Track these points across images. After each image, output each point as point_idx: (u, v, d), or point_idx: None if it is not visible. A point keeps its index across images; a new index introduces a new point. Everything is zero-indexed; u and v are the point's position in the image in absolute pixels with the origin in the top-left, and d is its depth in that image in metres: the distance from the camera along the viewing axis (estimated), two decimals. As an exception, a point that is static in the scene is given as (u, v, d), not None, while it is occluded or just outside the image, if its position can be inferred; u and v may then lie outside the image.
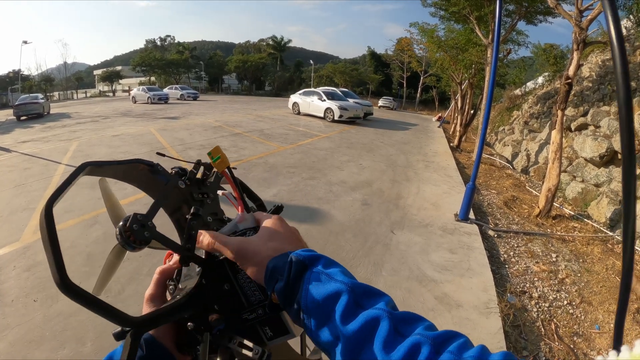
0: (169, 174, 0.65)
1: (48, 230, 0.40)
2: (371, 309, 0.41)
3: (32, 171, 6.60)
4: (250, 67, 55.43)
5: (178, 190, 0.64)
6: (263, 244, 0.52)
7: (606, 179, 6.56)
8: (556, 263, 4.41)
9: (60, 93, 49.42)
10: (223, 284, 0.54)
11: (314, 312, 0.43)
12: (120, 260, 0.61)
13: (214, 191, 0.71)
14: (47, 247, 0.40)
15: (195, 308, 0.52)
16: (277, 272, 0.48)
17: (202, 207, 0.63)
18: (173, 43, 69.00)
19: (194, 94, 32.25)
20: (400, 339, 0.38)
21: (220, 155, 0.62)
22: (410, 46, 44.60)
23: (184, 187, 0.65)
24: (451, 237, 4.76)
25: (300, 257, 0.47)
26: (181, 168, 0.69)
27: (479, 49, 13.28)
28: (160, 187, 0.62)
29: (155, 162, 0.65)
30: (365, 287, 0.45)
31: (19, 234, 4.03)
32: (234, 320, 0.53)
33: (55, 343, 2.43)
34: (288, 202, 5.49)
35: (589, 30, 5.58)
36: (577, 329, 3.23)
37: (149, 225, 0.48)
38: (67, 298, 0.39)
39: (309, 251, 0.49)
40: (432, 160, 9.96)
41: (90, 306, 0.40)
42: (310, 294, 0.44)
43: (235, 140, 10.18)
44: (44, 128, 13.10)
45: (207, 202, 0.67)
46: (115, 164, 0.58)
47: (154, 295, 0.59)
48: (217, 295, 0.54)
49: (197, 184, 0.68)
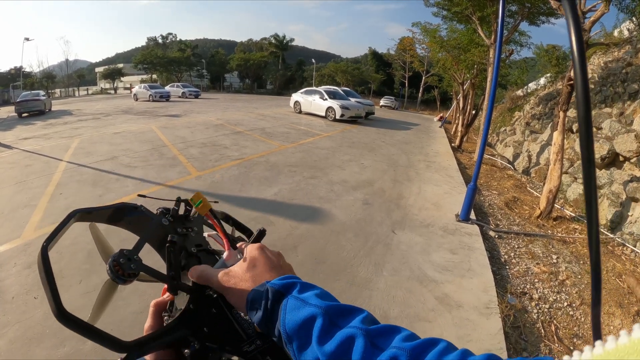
0: (152, 214, 0.71)
1: (45, 270, 0.45)
2: (346, 327, 0.42)
3: (34, 168, 6.61)
4: (252, 66, 55.46)
5: (162, 228, 0.69)
6: (242, 275, 0.54)
7: (607, 181, 6.55)
8: (557, 264, 4.40)
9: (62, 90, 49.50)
10: (211, 308, 0.57)
11: (294, 338, 0.44)
12: (112, 294, 0.64)
13: (198, 224, 0.76)
14: (44, 283, 0.44)
15: (184, 331, 0.54)
16: (256, 302, 0.49)
17: (186, 240, 0.69)
18: (175, 41, 69.00)
19: (195, 92, 32.25)
20: (377, 352, 0.39)
21: (201, 199, 0.65)
22: (413, 46, 44.62)
23: (167, 224, 0.70)
24: (452, 238, 4.76)
25: (275, 286, 0.49)
26: (165, 208, 0.74)
27: (481, 50, 13.25)
28: (146, 226, 0.68)
29: (139, 205, 0.71)
30: (339, 307, 0.46)
31: (20, 231, 4.03)
32: (236, 352, 0.55)
33: (56, 340, 2.44)
34: (289, 201, 5.49)
35: (591, 31, 5.57)
36: (577, 331, 3.23)
37: (135, 258, 0.54)
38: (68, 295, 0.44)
39: (285, 278, 0.51)
40: (434, 160, 9.95)
41: (85, 333, 0.43)
42: (288, 321, 0.45)
43: (236, 138, 10.18)
44: (46, 125, 13.11)
45: (191, 235, 0.71)
46: (102, 209, 0.64)
47: (151, 327, 0.60)
48: (207, 319, 0.56)
49: (180, 219, 0.73)
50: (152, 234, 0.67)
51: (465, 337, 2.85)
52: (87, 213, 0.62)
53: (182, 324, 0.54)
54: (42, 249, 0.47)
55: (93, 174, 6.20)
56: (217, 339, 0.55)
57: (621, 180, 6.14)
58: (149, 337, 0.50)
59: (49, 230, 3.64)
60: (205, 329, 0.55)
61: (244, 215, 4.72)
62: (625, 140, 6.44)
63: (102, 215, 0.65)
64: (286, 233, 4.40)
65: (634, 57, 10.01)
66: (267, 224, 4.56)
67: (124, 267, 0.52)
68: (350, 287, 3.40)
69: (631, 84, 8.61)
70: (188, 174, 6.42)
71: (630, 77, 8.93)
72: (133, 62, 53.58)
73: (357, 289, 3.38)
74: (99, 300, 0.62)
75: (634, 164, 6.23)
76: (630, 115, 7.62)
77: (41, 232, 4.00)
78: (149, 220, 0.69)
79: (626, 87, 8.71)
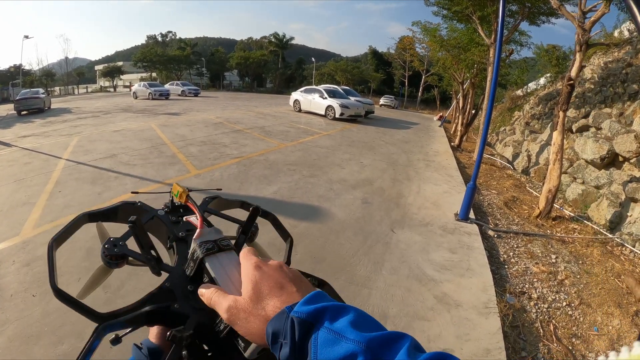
0: (149, 207, 0.79)
1: (48, 257, 0.62)
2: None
3: (33, 166, 6.60)
4: (252, 64, 55.37)
5: (159, 219, 0.76)
6: (253, 305, 0.47)
7: (607, 181, 6.55)
8: (556, 264, 4.41)
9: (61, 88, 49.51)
10: (187, 284, 0.60)
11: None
12: (104, 277, 0.71)
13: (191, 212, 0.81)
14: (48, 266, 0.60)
15: (156, 305, 0.56)
16: (278, 335, 0.42)
17: (175, 227, 0.74)
18: (174, 39, 68.94)
19: (195, 90, 32.17)
20: None
21: (178, 190, 0.71)
22: (412, 45, 44.58)
23: (163, 214, 0.77)
24: (451, 237, 4.76)
25: (302, 315, 0.41)
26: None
27: (481, 49, 13.25)
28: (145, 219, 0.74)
29: (137, 201, 0.79)
30: (381, 339, 0.38)
31: (19, 229, 4.02)
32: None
33: (54, 338, 2.44)
34: (288, 199, 5.49)
35: (592, 31, 5.56)
36: (575, 331, 3.23)
37: (120, 244, 0.65)
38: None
39: (311, 301, 0.44)
40: (433, 159, 9.95)
41: (70, 304, 0.53)
42: (322, 359, 0.38)
43: (236, 137, 10.17)
44: (45, 123, 13.10)
45: (182, 222, 0.77)
46: (106, 210, 0.74)
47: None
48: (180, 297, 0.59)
49: (175, 208, 0.81)
50: (151, 227, 0.72)
51: (464, 337, 2.85)
52: (93, 214, 0.71)
53: (155, 298, 0.57)
54: (49, 242, 0.63)
55: (92, 172, 6.19)
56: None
57: (620, 180, 6.14)
58: (122, 310, 0.54)
59: (47, 228, 3.64)
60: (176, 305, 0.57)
61: (242, 214, 4.70)
62: (625, 141, 6.44)
63: (107, 214, 0.74)
64: (285, 232, 4.39)
65: (634, 57, 10.00)
66: (266, 222, 4.55)
67: (109, 250, 0.64)
68: (349, 285, 3.40)
69: (631, 85, 8.61)
70: (187, 172, 6.42)
71: (630, 78, 8.93)
72: (133, 60, 53.46)
73: (356, 287, 3.38)
74: (90, 280, 0.70)
75: (634, 165, 6.24)
76: (630, 115, 7.62)
77: (40, 230, 4.00)
78: (146, 213, 0.76)
79: (626, 88, 8.71)
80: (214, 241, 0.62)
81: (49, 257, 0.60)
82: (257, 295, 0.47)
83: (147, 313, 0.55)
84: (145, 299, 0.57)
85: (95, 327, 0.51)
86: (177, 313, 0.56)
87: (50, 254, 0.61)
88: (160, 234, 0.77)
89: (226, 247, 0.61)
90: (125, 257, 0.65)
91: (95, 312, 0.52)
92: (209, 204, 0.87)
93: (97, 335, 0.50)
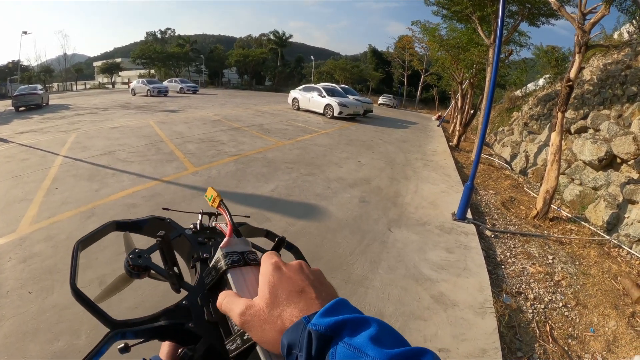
0: (178, 225, 0.79)
1: (72, 258, 0.62)
2: None
3: (30, 162, 6.57)
4: (251, 62, 55.28)
5: (185, 237, 0.76)
6: (269, 311, 0.44)
7: (604, 183, 6.57)
8: (552, 265, 4.42)
9: (60, 84, 49.20)
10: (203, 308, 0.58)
11: None
12: (124, 285, 0.71)
13: (223, 236, 0.77)
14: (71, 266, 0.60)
15: (170, 321, 0.55)
16: (294, 347, 0.39)
17: (201, 247, 0.73)
18: (173, 36, 68.66)
19: (193, 88, 32.11)
20: None
21: (212, 194, 0.72)
22: (412, 44, 44.56)
23: (190, 233, 0.77)
24: (448, 237, 4.77)
25: (320, 328, 0.38)
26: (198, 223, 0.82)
27: (480, 49, 13.26)
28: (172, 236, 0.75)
29: (167, 217, 0.80)
30: (402, 355, 0.36)
31: (16, 225, 4.00)
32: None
33: (50, 335, 2.43)
34: (286, 197, 5.48)
35: (591, 33, 5.57)
36: (572, 332, 3.24)
37: (145, 256, 0.65)
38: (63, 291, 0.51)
39: (329, 313, 0.41)
40: (431, 159, 9.96)
41: (86, 306, 0.53)
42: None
43: (234, 134, 10.15)
44: (43, 119, 13.05)
45: (209, 244, 0.75)
46: (135, 220, 0.76)
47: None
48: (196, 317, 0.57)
49: (204, 230, 0.80)
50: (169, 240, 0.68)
51: (460, 336, 2.86)
52: (121, 224, 0.73)
53: (167, 315, 0.56)
54: (75, 243, 0.64)
55: (89, 168, 6.17)
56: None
57: (618, 182, 6.16)
58: (136, 320, 0.54)
59: (44, 225, 3.64)
60: (190, 324, 0.55)
61: (240, 211, 4.70)
62: (623, 143, 6.46)
63: (135, 226, 0.76)
64: (282, 230, 4.39)
65: (633, 59, 10.02)
66: (264, 220, 4.56)
67: (133, 260, 0.64)
68: (346, 284, 3.40)
69: (630, 87, 8.63)
70: (185, 169, 6.40)
71: (629, 80, 8.95)
72: (131, 56, 53.22)
73: (353, 286, 3.39)
74: (109, 286, 0.71)
75: (632, 166, 6.25)
76: (628, 117, 7.64)
77: (37, 227, 3.98)
78: (174, 230, 0.77)
79: (625, 90, 8.73)
80: (241, 253, 0.60)
81: (72, 258, 0.61)
82: (273, 300, 0.45)
83: (161, 327, 0.54)
84: (160, 313, 0.56)
85: (107, 333, 0.51)
86: (190, 332, 0.55)
87: (74, 254, 0.62)
88: (184, 252, 0.77)
89: (252, 261, 0.59)
90: (148, 270, 0.65)
91: (109, 318, 0.52)
92: None
93: (107, 341, 0.50)
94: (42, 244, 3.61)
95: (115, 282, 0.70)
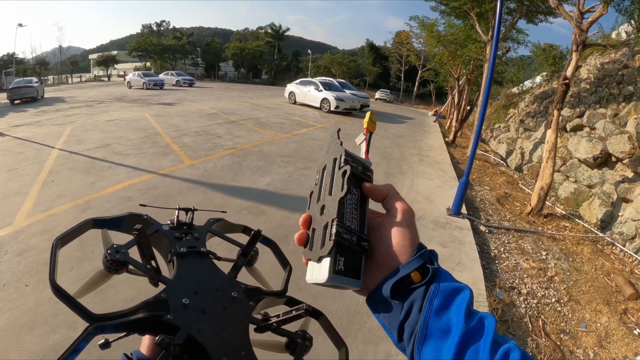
0: (155, 221, 0.79)
1: (51, 254, 0.61)
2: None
3: (26, 155, 6.53)
4: (248, 55, 54.89)
5: (162, 233, 0.76)
6: (411, 244, 0.46)
7: (599, 181, 6.63)
8: (546, 261, 4.47)
9: (55, 77, 48.67)
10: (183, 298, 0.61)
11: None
12: (103, 281, 0.71)
13: (202, 232, 0.81)
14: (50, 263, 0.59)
15: (149, 312, 0.57)
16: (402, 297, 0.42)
17: (178, 242, 0.74)
18: (170, 28, 68.06)
19: (189, 81, 31.90)
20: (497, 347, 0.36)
21: (374, 118, 0.74)
22: (409, 40, 44.41)
23: (167, 229, 0.78)
24: (443, 231, 4.80)
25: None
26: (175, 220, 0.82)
27: (478, 46, 13.24)
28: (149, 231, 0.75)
29: (144, 214, 0.80)
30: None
31: (12, 218, 3.99)
32: None
33: (47, 328, 2.44)
34: (282, 191, 5.49)
35: (589, 32, 5.59)
36: (564, 327, 3.29)
37: (123, 251, 0.66)
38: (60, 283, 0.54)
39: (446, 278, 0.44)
40: (427, 154, 9.99)
41: (65, 301, 0.54)
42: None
43: (230, 127, 10.12)
44: (38, 112, 12.94)
45: (186, 239, 0.77)
46: (113, 217, 0.75)
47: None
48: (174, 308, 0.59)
49: (180, 226, 0.80)
50: (154, 240, 0.73)
51: (454, 331, 2.89)
52: (99, 221, 0.73)
53: (146, 307, 0.57)
54: (54, 240, 0.63)
55: (85, 161, 6.15)
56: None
57: (613, 180, 6.21)
58: (115, 313, 0.55)
59: (40, 218, 3.62)
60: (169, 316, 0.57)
61: (236, 204, 4.72)
62: (619, 141, 6.51)
63: (113, 223, 0.75)
64: (278, 223, 4.41)
65: (630, 59, 10.06)
66: (259, 213, 4.56)
67: (111, 256, 0.65)
68: (342, 279, 3.42)
69: (627, 86, 8.68)
70: (181, 162, 6.39)
71: (626, 79, 9.00)
72: (127, 49, 52.72)
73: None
74: (88, 282, 0.71)
75: (626, 165, 6.31)
76: (624, 116, 7.69)
77: (33, 220, 3.97)
78: (151, 226, 0.77)
79: (621, 89, 8.78)
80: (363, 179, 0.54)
81: (51, 254, 0.61)
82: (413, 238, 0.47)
83: (140, 320, 0.55)
84: (139, 306, 0.57)
85: (86, 327, 0.51)
86: (169, 324, 0.56)
87: (53, 251, 0.61)
88: (162, 248, 0.78)
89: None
90: (126, 265, 0.66)
91: (88, 312, 0.53)
92: (213, 225, 0.87)
93: (87, 336, 0.50)
94: (38, 237, 3.60)
95: (94, 278, 0.71)
